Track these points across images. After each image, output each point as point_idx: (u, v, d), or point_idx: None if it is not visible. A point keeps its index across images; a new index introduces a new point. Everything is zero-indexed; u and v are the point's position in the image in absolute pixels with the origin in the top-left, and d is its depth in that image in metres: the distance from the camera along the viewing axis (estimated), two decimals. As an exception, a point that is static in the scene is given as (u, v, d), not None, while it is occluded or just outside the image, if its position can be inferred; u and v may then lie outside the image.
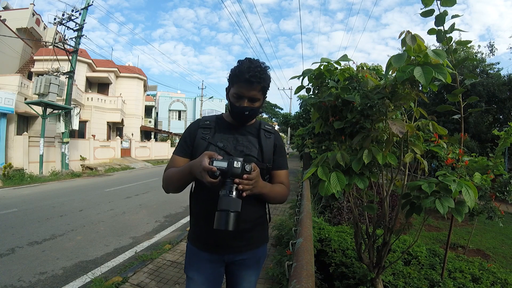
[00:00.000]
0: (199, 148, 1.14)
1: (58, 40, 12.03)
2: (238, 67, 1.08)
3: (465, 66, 12.20)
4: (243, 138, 1.18)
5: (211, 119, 1.24)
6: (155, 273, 3.01)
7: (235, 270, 1.21)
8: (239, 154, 1.14)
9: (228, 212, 0.89)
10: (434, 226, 5.30)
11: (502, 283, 2.27)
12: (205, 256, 1.16)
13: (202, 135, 1.16)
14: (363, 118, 1.74)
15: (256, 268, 1.25)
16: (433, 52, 1.34)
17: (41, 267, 3.17)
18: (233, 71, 1.10)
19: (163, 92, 36.55)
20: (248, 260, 1.20)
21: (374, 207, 1.88)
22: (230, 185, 0.92)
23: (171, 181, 1.13)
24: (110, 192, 8.07)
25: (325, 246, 2.89)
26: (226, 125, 1.21)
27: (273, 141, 1.23)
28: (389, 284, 2.17)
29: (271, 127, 1.26)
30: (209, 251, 1.15)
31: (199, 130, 1.18)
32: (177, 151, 1.20)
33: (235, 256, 1.18)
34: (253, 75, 1.05)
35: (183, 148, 1.19)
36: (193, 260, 1.18)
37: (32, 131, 13.00)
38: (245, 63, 1.08)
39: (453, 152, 1.84)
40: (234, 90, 1.11)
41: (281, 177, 1.23)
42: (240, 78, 1.07)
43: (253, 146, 1.18)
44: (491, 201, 2.60)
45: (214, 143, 1.14)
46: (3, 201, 6.53)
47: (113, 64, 20.81)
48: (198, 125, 1.20)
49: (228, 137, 1.17)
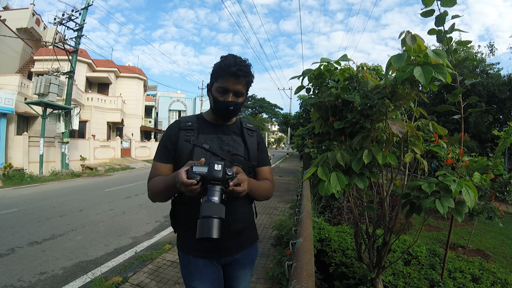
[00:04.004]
0: (184, 152, 1.09)
1: (58, 40, 12.02)
2: (223, 62, 1.07)
3: (465, 66, 12.20)
4: (227, 138, 1.17)
5: (192, 119, 1.17)
6: (155, 273, 3.00)
7: (231, 271, 1.21)
8: (226, 154, 1.12)
9: (210, 218, 0.83)
10: (434, 226, 5.30)
11: (502, 283, 2.27)
12: (204, 262, 1.12)
13: (186, 137, 1.11)
14: (363, 118, 1.74)
15: (251, 266, 1.27)
16: (433, 52, 1.34)
17: (41, 267, 3.17)
18: (218, 66, 1.08)
19: (163, 92, 36.61)
20: (243, 259, 1.21)
21: (374, 207, 1.88)
22: (211, 190, 0.87)
23: (157, 191, 1.07)
24: (110, 192, 8.07)
25: (325, 246, 2.89)
26: (209, 125, 1.17)
27: (256, 138, 1.23)
28: (389, 284, 2.17)
29: (252, 125, 1.27)
30: (207, 258, 1.13)
31: (181, 132, 1.12)
32: (158, 157, 1.13)
33: (232, 257, 1.17)
34: (239, 68, 1.05)
35: (164, 154, 1.12)
36: (193, 270, 1.12)
37: (32, 131, 13.00)
38: (230, 58, 1.07)
39: (453, 152, 1.84)
40: (219, 84, 1.08)
41: (266, 173, 1.25)
42: (226, 72, 1.05)
43: (238, 145, 1.17)
44: (491, 201, 2.60)
45: (199, 145, 1.10)
46: (3, 201, 6.53)
47: (113, 64, 20.80)
48: (179, 127, 1.13)
49: (212, 138, 1.14)
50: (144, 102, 25.16)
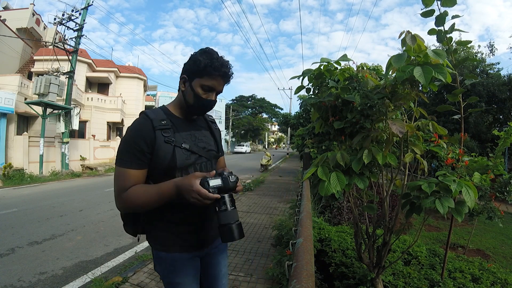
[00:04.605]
0: (165, 154, 1.01)
1: (58, 40, 12.02)
2: (213, 61, 1.02)
3: (465, 66, 12.20)
4: (199, 134, 1.15)
5: (163, 116, 1.06)
6: (155, 273, 3.00)
7: (211, 259, 1.23)
8: (202, 151, 1.12)
9: (230, 225, 0.94)
10: (434, 226, 5.30)
11: (502, 283, 2.27)
12: (188, 257, 1.12)
13: (165, 138, 1.02)
14: (363, 118, 1.74)
15: (225, 249, 1.31)
16: (433, 52, 1.34)
17: (41, 267, 3.17)
18: (205, 62, 1.02)
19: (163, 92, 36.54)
20: (220, 245, 1.24)
21: (374, 207, 1.88)
22: (226, 200, 0.95)
23: (145, 203, 0.97)
24: (110, 192, 8.06)
25: (325, 246, 2.89)
26: (181, 122, 1.12)
27: (218, 130, 1.28)
28: (389, 284, 2.17)
29: (211, 116, 1.30)
30: (192, 251, 1.13)
31: (157, 132, 1.01)
32: (130, 163, 0.99)
33: (213, 245, 1.20)
34: (228, 71, 1.06)
35: (137, 158, 0.99)
36: (178, 267, 1.10)
37: (32, 131, 12.99)
38: (217, 56, 1.04)
39: (453, 152, 1.84)
40: (204, 82, 1.04)
41: (223, 162, 1.32)
42: (217, 72, 1.03)
43: (209, 139, 1.19)
44: (491, 201, 2.60)
45: (179, 146, 1.04)
46: (3, 201, 6.53)
47: (113, 64, 20.79)
48: (153, 127, 1.01)
49: (186, 135, 1.10)
50: (144, 102, 25.15)
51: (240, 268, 3.13)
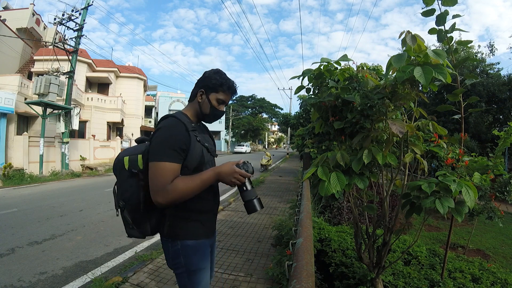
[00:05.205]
0: (197, 152, 1.20)
1: (58, 40, 12.00)
2: (227, 80, 1.29)
3: (465, 66, 12.19)
4: (207, 137, 1.38)
5: (189, 121, 1.26)
6: (155, 273, 3.00)
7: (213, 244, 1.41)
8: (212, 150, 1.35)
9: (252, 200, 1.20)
10: (434, 226, 5.30)
11: (502, 283, 2.27)
12: (208, 242, 1.31)
13: (198, 138, 1.23)
14: (363, 118, 1.74)
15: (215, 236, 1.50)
16: (433, 52, 1.34)
17: (41, 267, 3.16)
18: (220, 80, 1.26)
19: (163, 92, 36.64)
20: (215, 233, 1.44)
21: (374, 207, 1.88)
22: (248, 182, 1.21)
23: (191, 190, 1.13)
24: (110, 192, 8.06)
25: (325, 246, 2.89)
26: (197, 127, 1.31)
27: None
28: (389, 284, 2.17)
29: None
30: (211, 237, 1.32)
31: (190, 133, 1.19)
32: (173, 158, 1.13)
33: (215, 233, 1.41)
34: (236, 89, 1.34)
35: (178, 154, 1.15)
36: (206, 252, 1.28)
37: (32, 131, 12.99)
38: (226, 76, 1.30)
39: (453, 152, 1.84)
40: (219, 96, 1.28)
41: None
42: (230, 89, 1.29)
43: (212, 141, 1.42)
44: (491, 201, 2.60)
45: (204, 145, 1.26)
46: (3, 201, 6.53)
47: (113, 64, 20.79)
48: (186, 129, 1.18)
49: (205, 137, 1.33)
50: (144, 102, 25.17)
51: (240, 268, 3.13)
